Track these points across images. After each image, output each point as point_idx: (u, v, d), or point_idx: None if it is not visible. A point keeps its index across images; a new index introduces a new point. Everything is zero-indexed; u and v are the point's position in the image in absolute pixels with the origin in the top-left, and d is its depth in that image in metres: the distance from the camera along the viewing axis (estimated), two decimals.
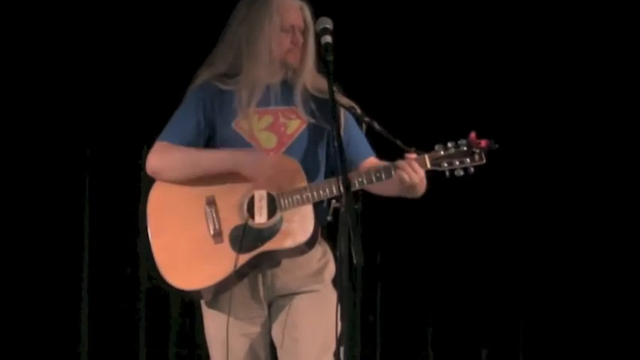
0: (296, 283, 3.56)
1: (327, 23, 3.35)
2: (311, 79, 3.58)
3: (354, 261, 2.93)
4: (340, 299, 3.00)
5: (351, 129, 3.64)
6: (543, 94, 5.56)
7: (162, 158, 3.55)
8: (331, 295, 3.56)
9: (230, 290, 3.50)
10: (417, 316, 5.65)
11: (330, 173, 3.60)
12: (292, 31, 3.55)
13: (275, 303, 3.58)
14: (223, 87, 3.58)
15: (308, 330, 3.53)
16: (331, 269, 3.61)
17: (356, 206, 3.13)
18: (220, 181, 3.52)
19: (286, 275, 3.55)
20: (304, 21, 3.57)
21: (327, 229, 3.55)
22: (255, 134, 3.56)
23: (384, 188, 3.56)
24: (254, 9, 3.57)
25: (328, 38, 3.31)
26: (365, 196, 3.47)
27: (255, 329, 3.58)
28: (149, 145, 4.93)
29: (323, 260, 3.60)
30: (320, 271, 3.59)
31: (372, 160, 3.59)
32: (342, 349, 2.97)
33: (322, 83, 3.52)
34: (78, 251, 5.22)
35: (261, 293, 3.56)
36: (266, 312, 3.59)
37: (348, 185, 3.07)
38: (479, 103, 5.45)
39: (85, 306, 5.21)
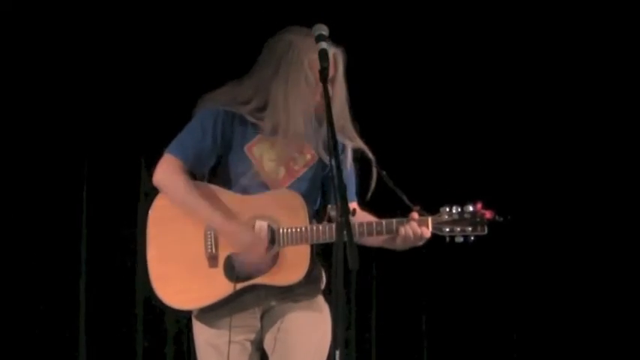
0: (289, 293, 3.57)
1: (323, 30, 3.34)
2: (338, 119, 3.49)
3: (349, 265, 2.96)
4: (335, 304, 3.00)
5: (349, 174, 3.65)
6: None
7: (166, 182, 3.56)
8: (323, 304, 3.62)
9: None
10: (411, 321, 5.65)
11: (324, 203, 3.62)
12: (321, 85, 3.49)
13: (267, 311, 3.60)
14: (249, 118, 3.56)
15: (300, 337, 3.56)
16: (323, 279, 3.65)
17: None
18: (224, 206, 3.53)
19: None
20: (335, 66, 3.55)
21: (319, 256, 3.59)
22: (263, 163, 3.58)
23: (370, 240, 3.57)
24: (287, 60, 3.54)
25: (324, 45, 3.30)
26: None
27: (248, 338, 3.60)
28: (146, 157, 5.01)
29: (316, 270, 3.62)
30: (313, 281, 3.60)
31: (352, 205, 3.49)
32: (337, 352, 2.96)
33: (349, 124, 3.58)
34: (75, 258, 5.22)
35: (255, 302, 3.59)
36: (259, 321, 3.61)
37: (343, 192, 3.04)
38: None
39: (82, 317, 5.22)
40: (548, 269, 5.53)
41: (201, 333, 3.62)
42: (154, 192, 3.63)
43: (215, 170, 3.64)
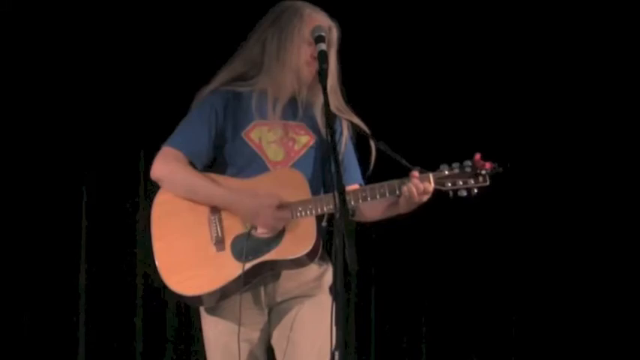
0: (296, 290, 3.57)
1: (322, 31, 3.37)
2: (331, 97, 3.53)
3: (349, 267, 2.96)
4: (335, 305, 3.00)
5: (349, 151, 3.67)
6: (549, 114, 5.55)
7: (165, 171, 3.55)
8: (329, 301, 3.55)
9: (230, 297, 3.50)
10: (411, 322, 5.66)
11: (328, 188, 3.59)
12: (314, 46, 3.52)
13: (275, 308, 3.60)
14: (239, 89, 3.58)
15: (307, 334, 3.55)
16: (329, 276, 3.62)
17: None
18: (231, 188, 3.53)
19: (287, 282, 3.56)
20: (329, 41, 3.54)
21: (324, 235, 3.56)
22: (263, 146, 3.57)
23: (374, 208, 3.59)
24: (285, 16, 3.57)
25: (323, 46, 3.33)
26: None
27: (256, 335, 3.60)
28: (146, 151, 5.00)
29: (323, 267, 3.62)
30: (319, 277, 3.61)
31: (354, 187, 3.58)
32: (336, 353, 2.97)
33: (341, 101, 3.59)
34: (74, 260, 5.21)
35: (262, 299, 3.58)
36: (266, 317, 3.61)
37: (342, 191, 3.06)
38: (485, 122, 5.45)
39: (81, 317, 5.23)
40: (543, 279, 5.53)
41: (211, 329, 3.61)
42: (153, 190, 3.63)
43: (216, 162, 3.63)
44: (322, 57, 3.31)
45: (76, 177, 5.20)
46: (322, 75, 3.28)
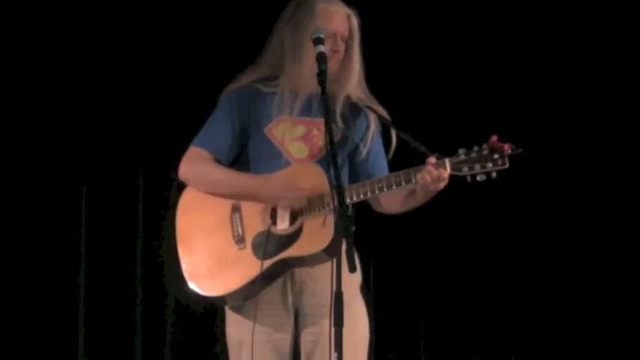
0: (323, 293, 3.51)
1: (321, 33, 3.35)
2: (355, 88, 3.57)
3: (348, 269, 2.95)
4: (334, 306, 2.99)
5: (375, 143, 3.65)
6: (564, 99, 5.52)
7: (191, 170, 3.58)
8: (357, 305, 3.59)
9: (255, 296, 3.49)
10: (410, 323, 5.66)
11: (351, 181, 3.58)
12: (333, 38, 3.52)
13: (302, 310, 3.57)
14: (264, 89, 3.58)
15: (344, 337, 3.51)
16: (358, 277, 3.60)
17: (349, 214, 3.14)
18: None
19: (314, 283, 3.54)
20: (349, 29, 3.55)
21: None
22: (286, 143, 3.57)
23: (392, 199, 3.55)
24: (299, 12, 3.56)
25: (322, 48, 3.31)
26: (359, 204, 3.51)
27: (281, 335, 3.56)
28: (145, 151, 5.02)
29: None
30: (350, 284, 3.53)
31: None
32: (334, 355, 2.97)
33: (365, 92, 3.58)
34: (74, 261, 5.23)
35: (289, 299, 3.56)
36: (292, 319, 3.58)
37: (341, 193, 3.07)
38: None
39: (81, 316, 5.24)
40: (543, 282, 5.54)
41: (233, 327, 3.61)
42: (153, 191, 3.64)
43: (240, 159, 3.64)
44: (321, 59, 3.30)
45: (76, 177, 5.21)
46: (321, 77, 3.26)
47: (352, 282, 3.56)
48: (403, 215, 3.64)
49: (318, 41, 3.35)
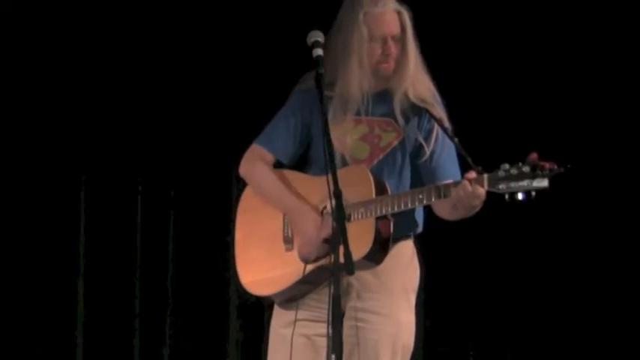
0: (371, 297, 3.50)
1: (319, 36, 3.33)
2: (413, 85, 3.50)
3: (346, 272, 2.98)
4: (332, 308, 3.00)
5: (441, 145, 3.55)
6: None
7: (247, 170, 3.59)
8: (404, 314, 3.54)
9: (297, 299, 3.48)
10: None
11: (418, 185, 3.51)
12: (384, 41, 3.47)
13: (347, 313, 3.49)
14: (327, 93, 3.47)
15: (374, 343, 3.49)
16: (409, 280, 3.57)
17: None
18: (297, 189, 3.52)
19: (360, 284, 3.48)
20: (401, 27, 3.48)
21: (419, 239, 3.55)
22: (347, 143, 3.52)
23: (441, 208, 3.47)
24: (346, 17, 3.50)
25: (319, 51, 3.29)
26: None
27: (319, 332, 3.49)
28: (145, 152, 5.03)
29: (403, 273, 3.55)
30: (398, 285, 3.53)
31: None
32: (333, 356, 2.99)
33: (425, 89, 3.51)
34: (73, 264, 5.25)
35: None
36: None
37: (338, 194, 3.06)
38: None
39: (80, 316, 5.25)
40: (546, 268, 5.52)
41: (276, 320, 3.59)
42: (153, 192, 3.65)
43: (305, 160, 3.63)
44: (317, 62, 3.28)
45: (74, 181, 5.22)
46: (318, 80, 3.24)
47: (402, 285, 3.54)
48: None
49: (316, 44, 3.31)
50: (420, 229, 3.59)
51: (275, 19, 5.15)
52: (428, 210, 3.54)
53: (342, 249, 3.03)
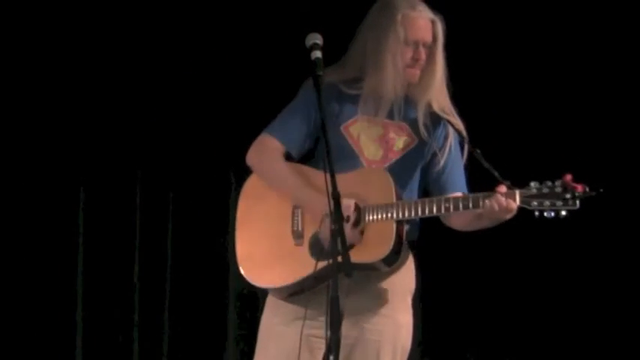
0: (369, 296, 3.51)
1: (317, 39, 3.32)
2: (436, 96, 3.52)
3: (344, 274, 2.98)
4: (330, 309, 3.00)
5: (453, 157, 3.58)
6: None
7: (256, 159, 3.55)
8: (403, 316, 3.56)
9: (301, 294, 3.46)
10: None
11: (423, 192, 3.55)
12: (416, 47, 3.49)
13: (347, 313, 3.42)
14: (346, 90, 3.52)
15: (375, 344, 3.50)
16: (407, 282, 3.58)
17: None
18: (313, 184, 3.47)
19: (361, 285, 3.47)
20: (433, 36, 3.50)
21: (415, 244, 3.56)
22: (361, 143, 3.53)
23: (460, 218, 3.49)
24: (382, 17, 3.51)
25: (318, 54, 3.28)
26: None
27: (315, 333, 3.46)
28: (145, 152, 5.03)
29: (402, 276, 3.56)
30: (397, 286, 3.54)
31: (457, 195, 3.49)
32: (331, 357, 2.99)
33: (446, 101, 3.52)
34: (71, 263, 5.24)
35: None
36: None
37: (337, 197, 3.04)
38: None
39: (79, 316, 5.26)
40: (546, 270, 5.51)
41: (268, 315, 3.57)
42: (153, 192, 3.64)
43: (314, 154, 3.60)
44: (317, 64, 3.26)
45: (73, 182, 5.22)
46: (316, 81, 3.24)
47: (400, 287, 3.55)
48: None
49: (315, 47, 3.31)
50: (416, 236, 3.60)
51: (274, 24, 5.15)
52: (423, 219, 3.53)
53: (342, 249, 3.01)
